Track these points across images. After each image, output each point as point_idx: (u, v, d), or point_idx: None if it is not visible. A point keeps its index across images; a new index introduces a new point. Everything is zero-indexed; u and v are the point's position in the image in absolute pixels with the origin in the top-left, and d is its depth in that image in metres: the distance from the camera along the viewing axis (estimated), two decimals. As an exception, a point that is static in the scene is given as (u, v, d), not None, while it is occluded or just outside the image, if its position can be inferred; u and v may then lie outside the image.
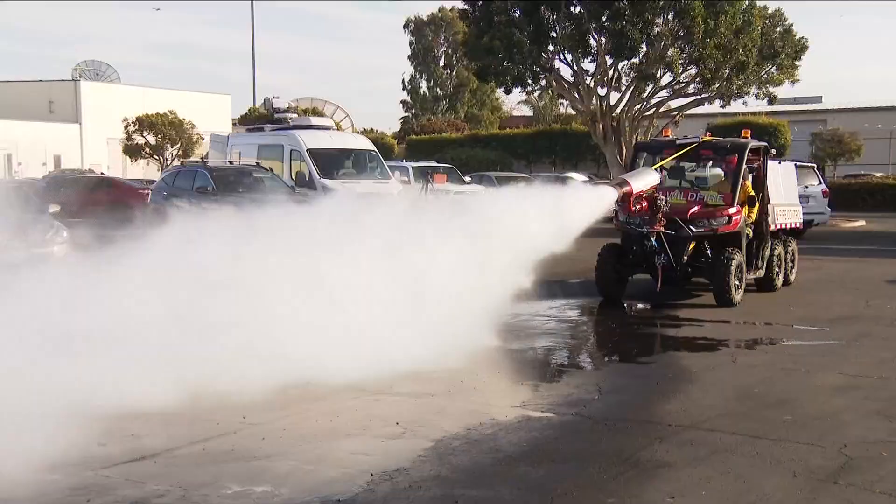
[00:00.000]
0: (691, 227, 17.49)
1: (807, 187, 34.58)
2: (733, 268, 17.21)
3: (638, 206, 16.55)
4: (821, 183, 35.89)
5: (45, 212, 22.93)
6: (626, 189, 15.86)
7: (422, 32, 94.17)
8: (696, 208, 17.87)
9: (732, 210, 17.72)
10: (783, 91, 50.12)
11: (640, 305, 19.08)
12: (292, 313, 11.35)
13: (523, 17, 47.20)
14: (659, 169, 18.22)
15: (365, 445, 9.56)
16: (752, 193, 18.51)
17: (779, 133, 53.98)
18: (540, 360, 14.34)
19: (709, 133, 21.07)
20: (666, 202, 16.98)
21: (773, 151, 20.46)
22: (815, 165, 38.84)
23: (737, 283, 17.36)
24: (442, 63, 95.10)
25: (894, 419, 10.36)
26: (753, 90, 47.85)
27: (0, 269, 11.42)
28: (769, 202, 19.32)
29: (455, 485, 8.37)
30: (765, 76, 47.26)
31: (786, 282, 20.37)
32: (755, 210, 18.57)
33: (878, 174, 56.19)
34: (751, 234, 18.64)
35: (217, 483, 8.16)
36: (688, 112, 51.68)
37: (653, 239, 17.17)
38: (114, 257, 11.91)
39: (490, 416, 10.75)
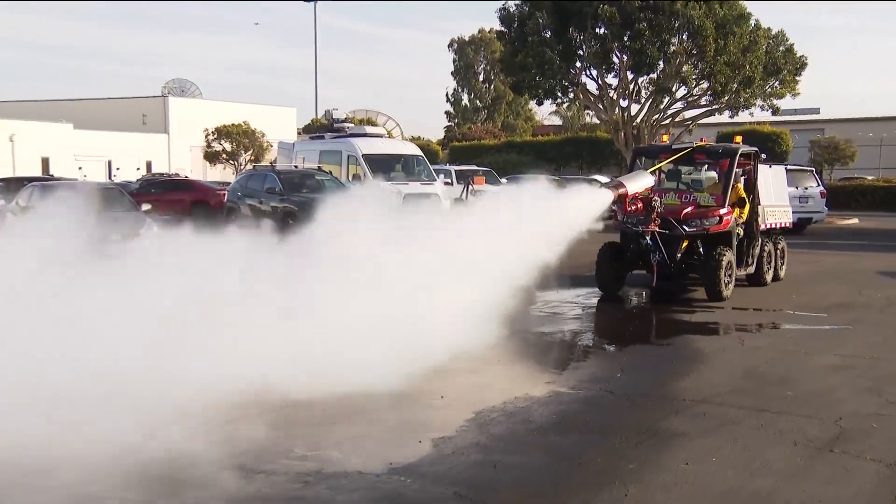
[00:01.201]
0: (684, 227, 16.96)
1: (806, 189, 34.49)
2: (724, 265, 16.66)
3: (634, 207, 16.12)
4: (819, 185, 35.69)
5: (138, 209, 23.28)
6: (621, 191, 15.38)
7: (464, 51, 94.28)
8: (689, 209, 17.38)
9: (723, 211, 17.19)
10: (785, 103, 50.36)
11: (653, 295, 18.58)
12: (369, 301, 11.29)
13: (553, 37, 47.35)
14: (656, 172, 17.93)
15: (414, 415, 9.60)
16: (743, 195, 18.07)
17: (781, 140, 53.78)
18: (568, 343, 14.31)
19: (703, 139, 20.92)
20: (660, 203, 16.50)
21: (764, 156, 19.93)
22: (813, 169, 38.62)
23: (727, 279, 16.81)
24: (481, 78, 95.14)
25: (884, 395, 10.37)
26: (759, 102, 47.97)
27: (102, 258, 11.32)
28: (760, 203, 18.74)
29: (493, 451, 8.40)
30: (769, 90, 47.41)
31: (775, 277, 19.69)
32: (746, 210, 18.08)
33: (870, 177, 56.18)
34: (741, 234, 18.05)
35: (287, 449, 8.16)
36: (700, 122, 51.67)
37: (648, 238, 16.66)
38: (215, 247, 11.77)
39: (524, 391, 10.79)
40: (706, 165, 18.55)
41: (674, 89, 47.91)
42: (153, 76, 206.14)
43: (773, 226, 19.60)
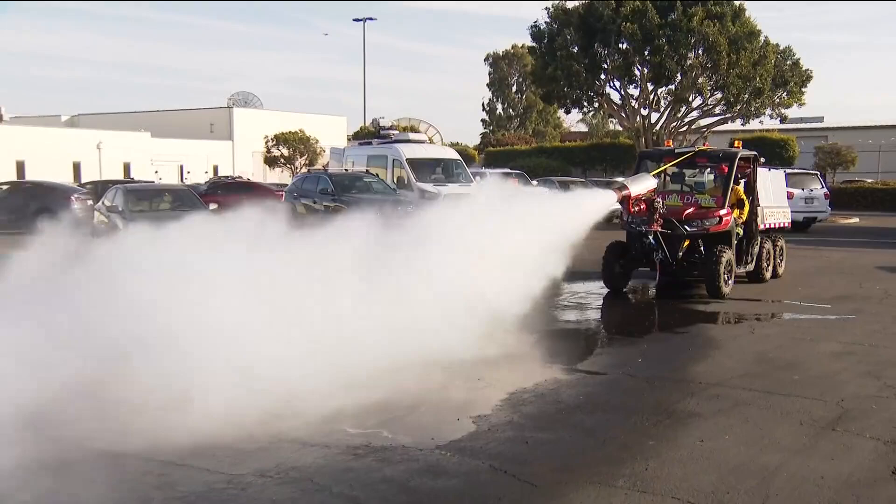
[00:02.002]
0: (686, 227, 16.43)
1: (812, 190, 34.27)
2: (723, 263, 16.07)
3: (637, 208, 15.62)
4: (823, 187, 35.43)
5: (206, 208, 23.52)
6: (624, 193, 15.00)
7: (498, 65, 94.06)
8: (690, 210, 16.84)
9: (723, 212, 16.64)
10: (792, 112, 50.21)
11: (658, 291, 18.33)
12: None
13: (580, 51, 47.44)
14: (661, 174, 17.64)
15: (453, 395, 9.63)
16: (743, 197, 17.57)
17: (788, 146, 53.45)
18: (592, 331, 14.36)
19: (706, 143, 20.67)
20: (662, 204, 16.03)
21: (762, 160, 19.36)
22: (818, 173, 38.41)
23: (726, 276, 16.22)
24: (514, 89, 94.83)
25: (882, 378, 10.37)
26: (768, 111, 48.01)
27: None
28: (759, 204, 18.16)
29: (525, 428, 8.43)
30: (777, 100, 47.42)
31: (774, 275, 19.06)
32: (745, 211, 17.52)
33: (869, 180, 55.87)
34: (741, 233, 17.48)
35: (339, 426, 8.20)
36: (714, 129, 51.57)
37: (650, 237, 16.19)
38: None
39: (553, 374, 10.85)
40: (708, 168, 18.27)
41: (690, 99, 47.89)
42: (220, 90, 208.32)
43: (772, 226, 19.26)
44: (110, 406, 8.17)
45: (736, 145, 18.47)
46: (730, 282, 16.41)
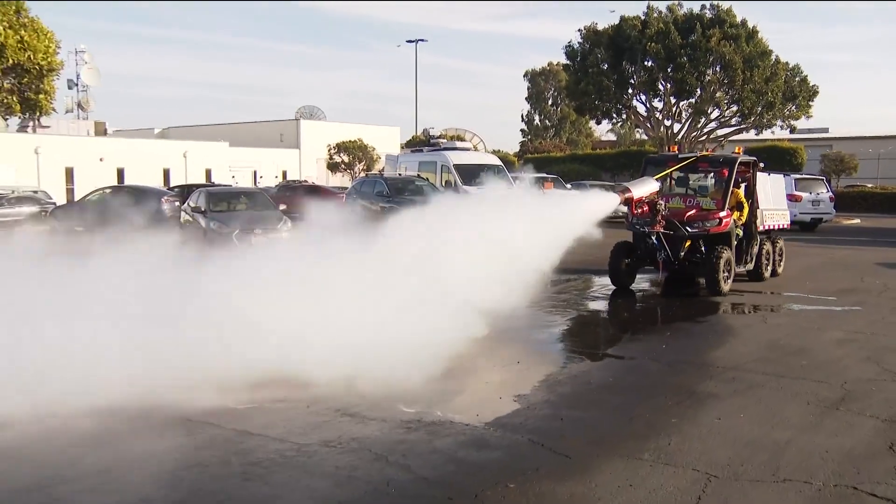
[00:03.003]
0: (687, 228, 15.78)
1: (818, 194, 33.98)
2: (722, 263, 15.42)
3: (640, 210, 15.17)
4: (828, 191, 35.12)
5: (277, 209, 23.75)
6: (627, 195, 14.39)
7: (536, 81, 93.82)
8: (691, 212, 16.16)
9: (722, 213, 15.96)
10: (800, 123, 50.09)
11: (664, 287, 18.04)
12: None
13: (610, 69, 47.51)
14: (666, 178, 17.07)
15: (496, 377, 9.63)
16: (742, 199, 16.89)
17: (797, 154, 52.87)
18: (621, 319, 14.27)
19: (710, 150, 20.22)
20: (665, 206, 15.44)
21: (762, 165, 18.40)
22: (824, 178, 37.96)
23: (725, 275, 15.55)
24: (550, 102, 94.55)
25: (881, 364, 10.31)
26: (779, 122, 48.02)
27: (252, 246, 11.34)
28: (758, 207, 17.41)
29: (560, 407, 8.41)
30: (787, 112, 47.42)
31: (773, 273, 18.22)
32: (744, 213, 16.81)
33: (870, 185, 55.45)
34: (741, 234, 16.81)
35: (393, 404, 8.25)
36: (730, 138, 51.26)
37: (653, 238, 15.65)
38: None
39: (585, 357, 10.84)
40: (711, 173, 17.66)
41: (709, 111, 47.88)
42: (289, 104, 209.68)
43: (772, 227, 18.49)
44: (203, 381, 8.25)
45: (737, 151, 17.89)
46: (729, 280, 15.79)
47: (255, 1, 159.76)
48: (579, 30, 50.17)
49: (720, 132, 50.03)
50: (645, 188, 14.86)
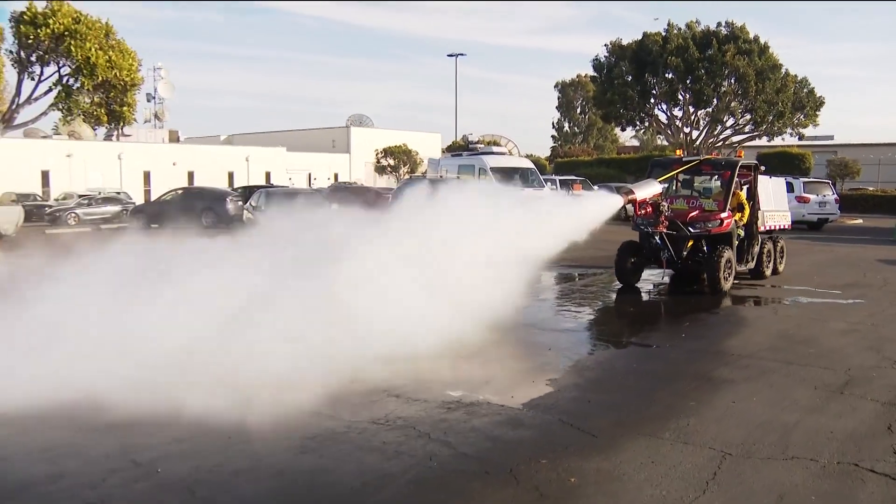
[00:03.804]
0: (689, 228, 15.11)
1: (824, 196, 33.62)
2: (723, 262, 14.72)
3: (644, 211, 14.78)
4: (833, 193, 34.70)
5: (329, 208, 23.84)
6: (631, 196, 13.95)
7: (565, 91, 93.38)
8: (694, 213, 15.42)
9: (724, 214, 15.22)
10: (808, 131, 49.91)
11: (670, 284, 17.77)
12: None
13: (633, 80, 47.42)
14: (672, 180, 16.50)
15: (529, 362, 9.62)
16: (744, 201, 16.14)
17: (805, 159, 52.17)
18: (643, 310, 14.17)
19: (715, 153, 19.68)
20: (668, 207, 14.92)
21: (763, 168, 17.77)
22: (829, 182, 37.49)
23: (726, 273, 14.87)
24: (578, 110, 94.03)
25: (881, 352, 10.23)
26: (788, 130, 47.97)
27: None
28: (760, 208, 16.67)
29: (587, 390, 8.40)
30: (796, 121, 47.28)
31: (774, 271, 17.40)
32: (746, 214, 16.07)
33: (871, 188, 54.78)
34: (742, 234, 16.09)
35: (433, 386, 8.27)
36: (744, 145, 50.81)
37: (656, 238, 15.00)
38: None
39: (611, 345, 10.81)
40: (716, 175, 17.03)
41: (724, 120, 47.61)
42: (340, 113, 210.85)
43: (773, 227, 17.67)
44: (270, 363, 8.30)
45: (739, 155, 17.31)
46: (730, 279, 15.10)
47: (309, 19, 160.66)
48: (605, 45, 50.17)
49: (735, 139, 49.72)
50: (648, 190, 14.48)
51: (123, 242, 12.06)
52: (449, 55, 75.52)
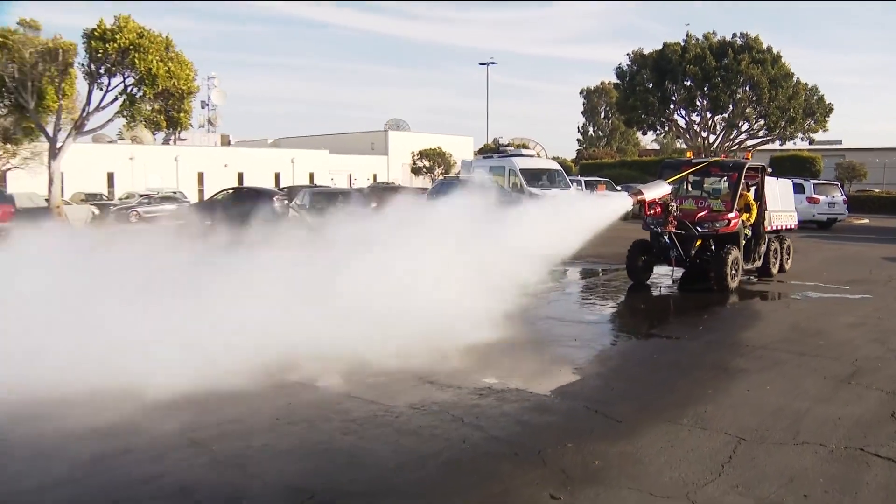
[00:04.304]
0: (698, 228, 14.68)
1: (833, 197, 33.22)
2: (730, 261, 14.26)
3: (653, 211, 14.18)
4: (842, 194, 34.23)
5: (368, 206, 23.88)
6: (640, 197, 13.51)
7: (590, 97, 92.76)
8: (702, 213, 14.97)
9: (731, 215, 14.79)
10: (818, 136, 49.21)
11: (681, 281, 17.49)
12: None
13: (654, 87, 47.21)
14: (682, 181, 16.01)
15: (555, 352, 9.62)
16: (751, 202, 15.59)
17: (815, 162, 51.52)
18: (663, 304, 14.08)
19: (724, 155, 19.19)
20: (676, 208, 14.42)
21: (770, 170, 17.12)
22: (838, 183, 37.01)
23: (733, 272, 14.39)
24: (602, 115, 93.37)
25: (886, 344, 10.14)
26: (799, 135, 47.29)
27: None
28: (766, 209, 16.17)
29: (610, 378, 8.40)
30: (806, 126, 46.63)
31: (781, 269, 16.86)
32: (753, 214, 15.51)
33: (877, 190, 54.10)
34: (749, 234, 15.55)
35: (466, 374, 8.28)
36: (758, 148, 50.32)
37: (666, 237, 14.59)
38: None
39: (632, 336, 10.80)
40: (724, 177, 16.51)
41: (739, 125, 47.23)
42: (379, 117, 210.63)
43: (779, 227, 17.14)
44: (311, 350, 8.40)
45: (746, 156, 16.93)
46: (737, 277, 14.59)
47: (349, 31, 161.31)
48: (628, 54, 49.88)
49: (749, 142, 49.17)
50: (657, 191, 14.05)
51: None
52: (481, 63, 76.06)
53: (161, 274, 9.62)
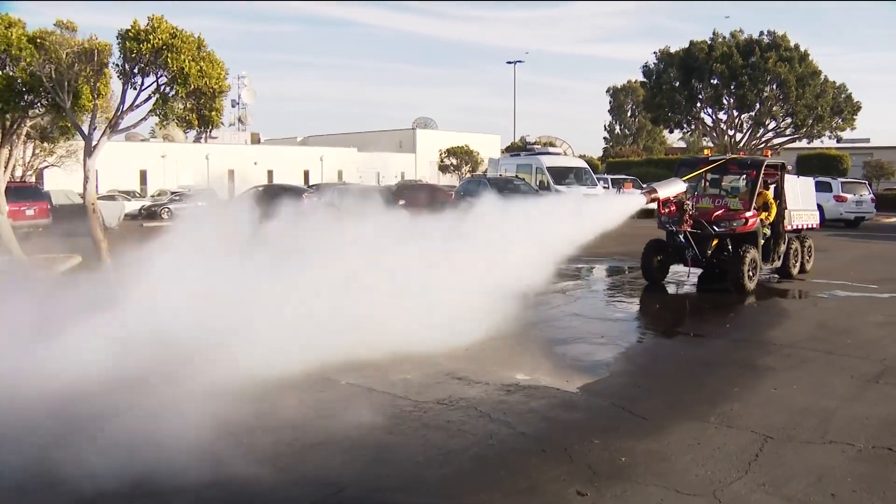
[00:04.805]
0: (714, 227, 14.04)
1: (861, 195, 32.81)
2: (747, 261, 13.68)
3: (668, 209, 13.74)
4: (870, 193, 33.81)
5: (396, 204, 23.88)
6: (653, 195, 13.02)
7: (616, 96, 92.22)
8: (719, 212, 14.32)
9: (749, 214, 14.13)
10: (846, 134, 48.85)
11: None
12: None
13: (681, 85, 46.94)
14: (699, 179, 15.45)
15: (582, 349, 9.57)
16: (770, 200, 14.91)
17: (842, 161, 50.94)
18: (690, 302, 13.94)
19: (742, 153, 18.75)
20: (692, 206, 13.89)
21: (790, 167, 16.37)
22: (866, 182, 36.54)
23: (750, 273, 13.78)
24: (629, 114, 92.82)
25: (917, 344, 9.96)
26: (827, 133, 46.82)
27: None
28: (786, 207, 15.42)
29: (637, 376, 8.41)
30: (834, 125, 46.19)
31: (802, 270, 16.21)
32: (772, 213, 14.84)
33: (905, 188, 53.51)
34: (768, 234, 14.91)
35: (493, 371, 8.28)
36: (785, 147, 49.89)
37: (681, 236, 14.10)
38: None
39: (659, 334, 10.79)
40: (743, 175, 15.93)
41: (766, 123, 46.82)
42: (407, 116, 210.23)
43: (800, 227, 16.35)
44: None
45: (765, 154, 16.41)
46: (754, 278, 14.00)
47: (378, 29, 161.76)
48: (654, 52, 49.61)
49: (776, 141, 48.80)
50: (671, 189, 13.53)
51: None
52: (508, 62, 75.75)
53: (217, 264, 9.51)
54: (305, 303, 8.67)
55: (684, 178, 14.18)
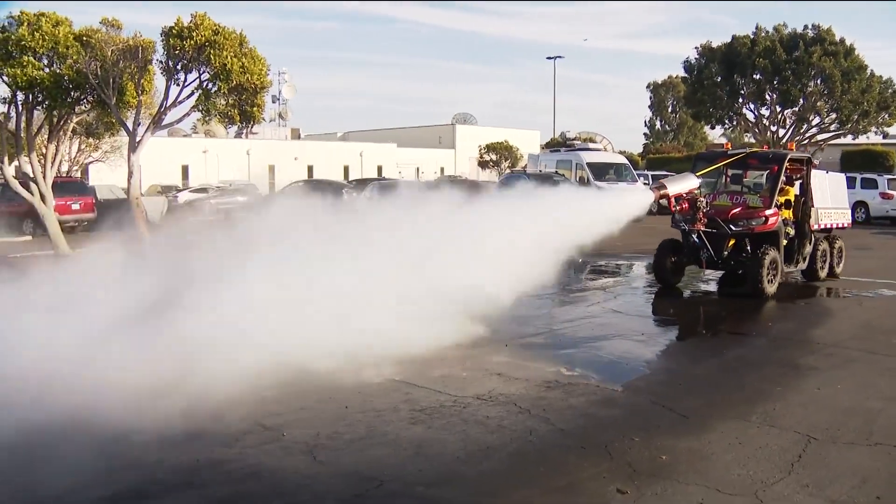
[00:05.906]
0: (731, 226, 13.06)
1: None
2: (766, 263, 12.72)
3: (679, 207, 12.78)
4: (917, 190, 33.03)
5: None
6: (662, 192, 12.31)
7: (657, 91, 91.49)
8: (736, 210, 13.31)
9: (769, 211, 13.11)
10: (893, 130, 47.63)
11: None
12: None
13: (723, 81, 46.35)
14: (719, 175, 14.64)
15: (622, 347, 9.49)
16: (793, 197, 14.06)
17: (889, 157, 49.96)
18: (731, 300, 13.56)
19: (765, 146, 17.97)
20: (706, 203, 12.90)
21: (817, 162, 15.14)
22: (914, 179, 35.78)
23: (770, 276, 12.84)
24: (669, 110, 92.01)
25: (960, 344, 9.76)
26: (873, 129, 45.82)
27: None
28: (813, 206, 14.29)
29: (678, 373, 8.50)
30: (880, 120, 45.13)
31: (831, 272, 15.05)
32: (800, 211, 14.02)
33: (952, 185, 52.30)
34: (792, 233, 13.89)
35: (532, 366, 8.25)
36: (829, 143, 49.11)
37: (694, 236, 13.16)
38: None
39: (699, 332, 10.76)
40: (765, 170, 14.95)
41: (810, 119, 46.06)
42: (446, 112, 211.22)
43: (829, 226, 15.14)
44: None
45: (789, 147, 15.61)
46: (775, 282, 13.05)
47: (417, 26, 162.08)
48: (696, 47, 49.04)
49: (820, 137, 48.03)
50: (682, 185, 12.74)
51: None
52: (548, 58, 74.94)
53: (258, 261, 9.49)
54: (344, 298, 8.68)
55: (699, 174, 13.47)
